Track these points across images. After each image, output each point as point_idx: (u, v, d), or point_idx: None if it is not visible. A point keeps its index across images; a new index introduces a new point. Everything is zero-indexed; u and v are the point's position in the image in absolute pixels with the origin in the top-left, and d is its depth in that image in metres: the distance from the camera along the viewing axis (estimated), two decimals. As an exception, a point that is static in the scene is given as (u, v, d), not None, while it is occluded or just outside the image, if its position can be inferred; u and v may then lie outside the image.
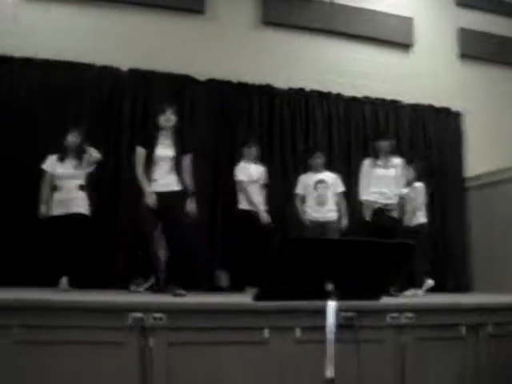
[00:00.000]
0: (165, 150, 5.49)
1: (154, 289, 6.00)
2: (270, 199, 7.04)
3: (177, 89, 7.74)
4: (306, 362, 3.88)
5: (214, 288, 6.78)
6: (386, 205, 6.52)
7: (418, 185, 6.83)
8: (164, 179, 5.43)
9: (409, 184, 6.81)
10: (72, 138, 6.08)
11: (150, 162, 5.45)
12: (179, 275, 5.38)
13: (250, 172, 6.73)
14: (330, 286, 2.35)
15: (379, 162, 6.63)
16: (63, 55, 7.28)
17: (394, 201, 6.58)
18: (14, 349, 3.45)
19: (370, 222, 6.50)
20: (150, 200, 5.33)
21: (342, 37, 8.65)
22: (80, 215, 5.93)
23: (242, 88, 8.04)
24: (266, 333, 3.83)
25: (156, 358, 3.63)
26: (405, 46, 8.99)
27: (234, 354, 3.80)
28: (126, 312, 3.61)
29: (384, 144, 6.66)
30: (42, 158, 6.14)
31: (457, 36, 9.29)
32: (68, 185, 5.94)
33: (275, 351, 3.85)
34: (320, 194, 6.81)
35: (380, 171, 6.59)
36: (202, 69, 7.80)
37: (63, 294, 4.90)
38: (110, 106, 7.43)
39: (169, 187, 5.43)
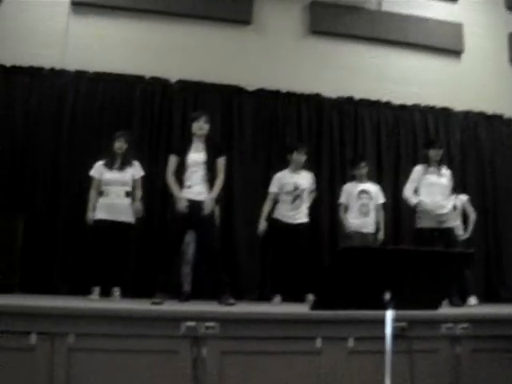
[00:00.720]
0: (197, 155, 5.40)
1: (180, 299, 6.05)
2: (317, 208, 7.02)
3: (225, 99, 7.82)
4: (359, 372, 3.85)
5: (260, 298, 6.75)
6: (440, 215, 6.39)
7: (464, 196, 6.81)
8: (196, 186, 5.37)
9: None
10: (118, 144, 6.10)
11: (182, 168, 5.41)
12: (221, 285, 5.39)
13: (285, 182, 6.56)
14: (387, 296, 2.32)
15: (431, 169, 6.52)
16: (113, 67, 7.45)
17: (447, 210, 6.46)
18: (68, 356, 3.51)
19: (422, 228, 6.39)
20: (181, 205, 5.28)
21: (390, 44, 8.57)
22: (125, 224, 5.97)
23: (291, 97, 8.06)
24: (319, 342, 3.80)
25: (209, 366, 3.64)
26: (455, 52, 8.85)
27: (287, 364, 3.77)
28: (179, 321, 3.63)
29: (435, 152, 6.53)
30: (89, 170, 6.20)
31: (508, 41, 9.11)
32: (114, 190, 5.97)
33: (328, 361, 3.82)
34: (363, 204, 6.75)
35: (433, 178, 6.45)
36: (250, 79, 7.86)
37: (116, 303, 4.95)
38: (159, 117, 7.53)
39: (200, 196, 5.35)
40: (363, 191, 6.81)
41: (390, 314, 2.36)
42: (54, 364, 3.47)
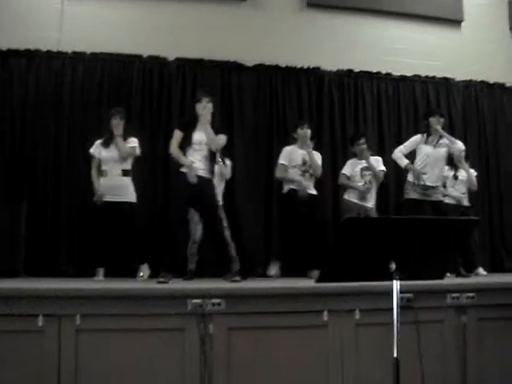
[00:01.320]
0: (202, 135, 5.40)
1: (185, 278, 6.08)
2: (318, 183, 7.02)
3: (224, 76, 7.77)
4: (366, 344, 3.87)
5: (264, 275, 6.78)
6: (427, 186, 6.34)
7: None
8: (198, 163, 5.35)
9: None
10: (114, 122, 6.02)
11: (186, 145, 5.39)
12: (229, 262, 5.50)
13: (295, 156, 6.62)
14: (393, 266, 2.32)
15: (431, 139, 6.45)
16: (110, 47, 7.40)
17: (439, 183, 6.46)
18: (76, 338, 3.52)
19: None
20: (190, 171, 5.27)
21: (389, 16, 8.48)
22: (126, 203, 5.94)
23: (290, 72, 8.00)
24: (326, 316, 3.81)
25: (216, 343, 3.65)
26: (454, 21, 8.75)
27: (294, 338, 3.79)
28: (185, 298, 3.64)
29: (435, 120, 6.41)
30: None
31: (508, 8, 9.02)
32: (112, 169, 5.94)
33: (335, 334, 3.83)
34: (366, 181, 6.82)
35: (428, 148, 6.40)
36: (249, 54, 7.79)
37: (122, 283, 4.96)
38: (158, 96, 7.49)
39: (201, 172, 5.35)
40: (365, 168, 6.84)
41: (396, 284, 2.36)
42: (61, 345, 3.49)
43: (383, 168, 6.98)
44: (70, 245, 6.95)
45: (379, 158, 7.06)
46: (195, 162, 5.33)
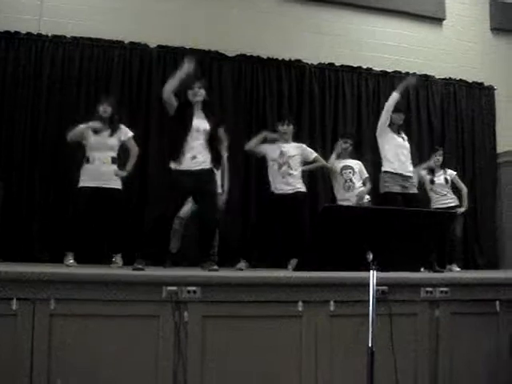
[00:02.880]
0: (201, 122, 5.30)
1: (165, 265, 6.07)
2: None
3: (206, 64, 7.73)
4: (340, 335, 3.89)
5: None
6: (405, 178, 6.35)
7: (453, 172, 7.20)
8: (199, 156, 5.22)
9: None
10: (103, 109, 5.92)
11: (184, 133, 5.22)
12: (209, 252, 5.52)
13: (271, 148, 6.43)
14: (370, 256, 2.33)
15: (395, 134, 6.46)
16: (91, 32, 7.34)
17: (411, 174, 6.44)
18: (50, 322, 3.50)
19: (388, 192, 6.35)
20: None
21: (372, 11, 8.54)
22: (113, 190, 5.83)
23: (272, 63, 8.01)
24: (300, 306, 3.83)
25: (191, 330, 3.65)
26: (436, 19, 8.84)
27: (269, 328, 3.80)
28: (161, 286, 3.64)
29: (397, 116, 6.46)
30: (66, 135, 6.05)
31: (489, 9, 9.11)
32: (99, 156, 5.80)
33: (309, 324, 3.85)
34: (347, 180, 6.70)
35: (399, 139, 6.44)
36: (231, 44, 7.79)
37: (97, 269, 4.94)
38: (138, 83, 7.44)
39: (203, 165, 5.23)
40: (346, 167, 6.76)
41: (373, 274, 2.38)
42: (35, 329, 3.46)
43: (366, 175, 6.87)
44: (44, 230, 6.89)
45: (361, 164, 6.91)
46: (196, 155, 5.19)
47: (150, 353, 3.61)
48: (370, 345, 2.39)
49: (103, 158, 5.80)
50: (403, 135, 6.53)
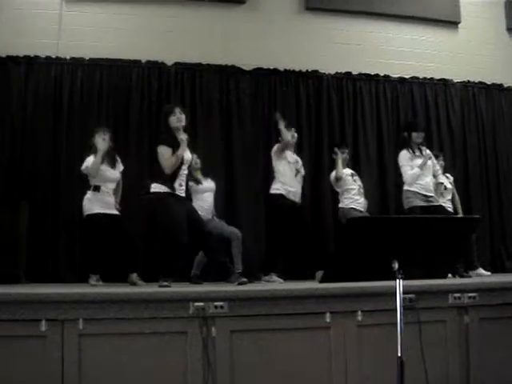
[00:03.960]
0: (187, 153, 5.42)
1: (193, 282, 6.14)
2: (318, 186, 7.06)
3: (223, 80, 7.78)
4: (369, 345, 3.87)
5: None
6: (429, 195, 6.42)
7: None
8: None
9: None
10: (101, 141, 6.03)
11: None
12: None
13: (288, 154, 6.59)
14: (396, 265, 2.32)
15: (416, 153, 6.50)
16: (109, 53, 7.43)
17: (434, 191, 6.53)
18: (79, 342, 3.52)
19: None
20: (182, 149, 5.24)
21: (386, 18, 8.51)
22: (117, 215, 5.98)
23: (289, 75, 8.02)
24: (328, 317, 3.82)
25: (219, 346, 3.65)
26: (452, 23, 8.78)
27: (296, 340, 3.79)
28: (188, 302, 3.65)
29: (416, 135, 6.50)
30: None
31: (505, 9, 9.04)
32: (106, 187, 5.93)
33: (337, 336, 3.84)
34: (360, 186, 6.86)
35: (419, 161, 6.43)
36: (247, 58, 7.81)
37: (124, 287, 4.97)
38: (157, 101, 7.49)
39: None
40: (354, 174, 6.95)
41: (399, 283, 2.36)
42: (64, 350, 3.48)
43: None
44: (70, 251, 6.95)
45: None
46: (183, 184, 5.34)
47: (178, 369, 3.61)
48: (399, 354, 2.37)
49: (108, 190, 5.96)
50: (424, 151, 6.53)
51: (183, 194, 5.34)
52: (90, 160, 5.88)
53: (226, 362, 3.67)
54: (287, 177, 6.39)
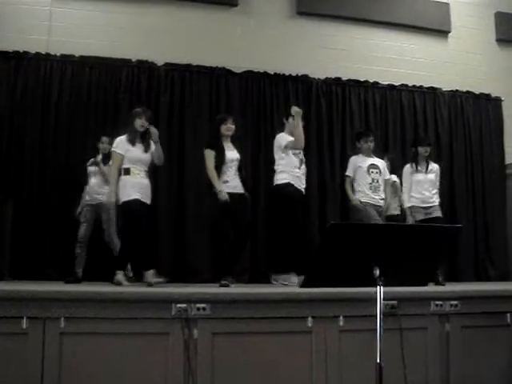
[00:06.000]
0: (232, 153, 5.84)
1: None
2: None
3: (213, 81, 7.78)
4: (350, 351, 3.88)
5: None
6: (428, 208, 6.52)
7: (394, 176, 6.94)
8: (233, 181, 5.76)
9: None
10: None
11: (218, 164, 5.74)
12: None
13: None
14: (377, 272, 2.33)
15: (420, 167, 6.61)
16: (99, 51, 7.40)
17: (434, 204, 6.57)
18: (60, 340, 3.52)
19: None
20: (222, 196, 5.52)
21: (377, 25, 8.55)
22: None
23: (279, 79, 8.02)
24: (310, 322, 3.83)
25: (200, 348, 3.66)
26: (442, 32, 8.83)
27: (278, 344, 3.80)
28: (170, 303, 3.65)
29: (423, 149, 6.60)
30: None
31: (494, 20, 9.11)
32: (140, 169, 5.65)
33: (319, 340, 3.85)
34: (374, 179, 6.53)
35: (420, 176, 6.56)
36: (238, 61, 7.81)
37: (107, 287, 4.95)
38: (146, 101, 7.47)
39: (237, 189, 5.77)
40: (373, 165, 6.61)
41: (379, 290, 2.38)
42: (45, 348, 3.48)
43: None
44: (54, 248, 6.91)
45: (385, 165, 6.81)
46: (229, 181, 5.74)
47: (159, 370, 3.61)
48: (378, 360, 2.38)
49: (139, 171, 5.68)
50: (431, 165, 6.66)
51: (232, 190, 5.69)
52: (118, 140, 5.65)
53: (208, 364, 3.67)
54: (292, 167, 6.24)
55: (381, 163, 6.72)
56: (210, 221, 6.38)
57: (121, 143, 5.62)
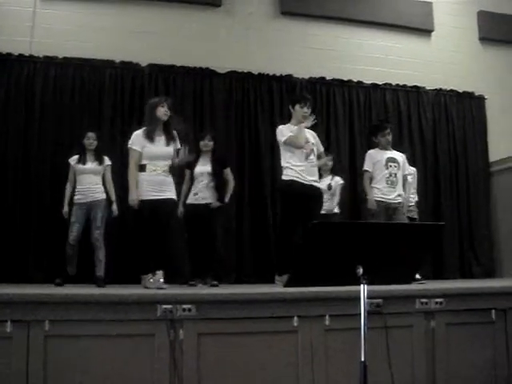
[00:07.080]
0: (203, 167, 6.20)
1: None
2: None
3: (197, 82, 7.77)
4: (336, 349, 3.88)
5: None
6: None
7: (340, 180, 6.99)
8: (201, 193, 6.19)
9: None
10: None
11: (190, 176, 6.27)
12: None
13: None
14: (360, 270, 2.34)
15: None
16: (83, 53, 7.38)
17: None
18: (45, 343, 3.49)
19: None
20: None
21: (361, 24, 8.59)
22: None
23: (263, 79, 8.04)
24: (295, 321, 3.83)
25: (186, 348, 3.64)
26: (425, 31, 8.89)
27: (264, 343, 3.79)
28: (155, 304, 3.63)
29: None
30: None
31: (477, 19, 9.17)
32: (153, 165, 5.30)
33: (305, 340, 3.84)
34: (391, 174, 6.20)
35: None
36: (222, 61, 7.83)
37: (91, 289, 4.93)
38: (130, 102, 7.46)
39: (205, 200, 6.17)
40: (391, 159, 6.29)
41: (363, 288, 2.38)
42: (30, 351, 3.45)
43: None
44: (38, 250, 6.86)
45: (405, 159, 6.47)
46: (197, 192, 6.22)
47: (145, 372, 3.59)
48: (362, 359, 2.39)
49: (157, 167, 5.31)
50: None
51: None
52: (134, 137, 5.33)
53: (194, 364, 3.66)
54: (296, 160, 5.77)
55: (400, 157, 6.38)
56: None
57: (137, 139, 5.28)
